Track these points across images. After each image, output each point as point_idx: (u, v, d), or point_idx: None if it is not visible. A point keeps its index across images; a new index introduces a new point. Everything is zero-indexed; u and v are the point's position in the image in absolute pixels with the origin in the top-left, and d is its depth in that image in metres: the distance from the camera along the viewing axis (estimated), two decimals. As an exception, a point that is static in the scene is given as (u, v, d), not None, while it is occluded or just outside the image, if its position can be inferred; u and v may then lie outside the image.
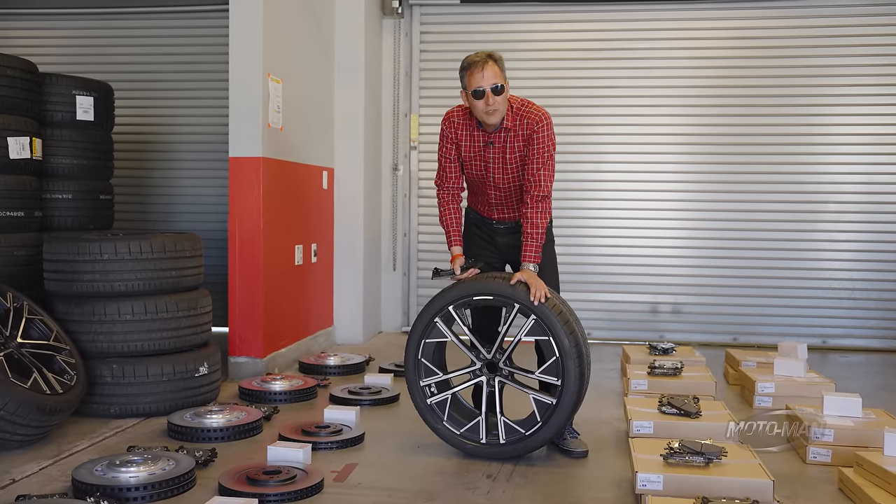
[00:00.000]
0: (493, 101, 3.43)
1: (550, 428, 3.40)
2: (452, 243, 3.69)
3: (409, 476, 3.32)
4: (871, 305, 6.40)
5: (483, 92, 3.42)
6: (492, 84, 3.41)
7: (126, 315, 4.01)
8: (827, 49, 6.39)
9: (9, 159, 4.38)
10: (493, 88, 3.41)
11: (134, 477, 3.01)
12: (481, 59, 3.44)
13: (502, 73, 3.46)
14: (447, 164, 3.68)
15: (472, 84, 3.44)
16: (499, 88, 3.43)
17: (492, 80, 3.42)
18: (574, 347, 3.35)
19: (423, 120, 6.84)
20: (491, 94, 3.42)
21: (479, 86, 3.42)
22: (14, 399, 3.33)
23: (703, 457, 2.97)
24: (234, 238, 4.95)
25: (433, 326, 3.55)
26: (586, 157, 6.62)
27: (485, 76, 3.41)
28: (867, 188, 6.42)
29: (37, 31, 7.09)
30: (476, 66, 3.43)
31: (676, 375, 4.55)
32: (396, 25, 6.75)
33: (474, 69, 3.43)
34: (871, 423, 3.55)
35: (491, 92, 3.41)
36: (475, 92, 3.44)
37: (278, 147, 5.18)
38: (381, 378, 4.79)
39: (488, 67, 3.42)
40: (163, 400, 4.06)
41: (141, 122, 6.89)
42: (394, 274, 6.87)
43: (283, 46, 5.22)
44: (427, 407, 3.58)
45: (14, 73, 4.45)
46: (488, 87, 3.41)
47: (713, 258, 6.57)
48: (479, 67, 3.42)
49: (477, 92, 3.43)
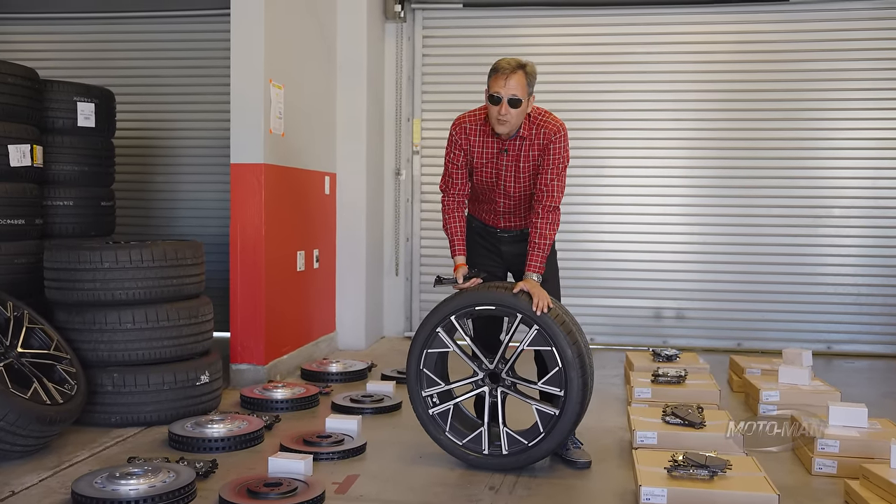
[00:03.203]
0: (506, 111, 3.37)
1: (553, 439, 3.37)
2: (456, 252, 3.65)
3: (410, 488, 3.30)
4: (876, 311, 6.37)
5: (500, 99, 3.36)
6: (510, 95, 3.35)
7: (127, 324, 4.00)
8: (832, 55, 6.35)
9: (9, 167, 4.36)
10: (510, 99, 3.35)
11: (134, 490, 2.99)
12: (510, 68, 3.35)
13: (527, 87, 3.37)
14: (454, 170, 3.64)
15: (492, 87, 3.38)
16: (516, 101, 3.36)
17: (513, 90, 3.34)
18: (577, 357, 3.33)
19: (425, 124, 6.81)
20: (506, 104, 3.36)
21: (497, 92, 3.37)
22: (14, 410, 3.31)
23: (707, 470, 2.95)
24: (236, 245, 4.93)
25: (435, 336, 3.52)
26: (589, 163, 6.58)
27: (507, 85, 3.34)
28: (871, 193, 6.38)
29: (37, 35, 7.07)
30: (502, 72, 3.36)
31: (680, 383, 4.53)
32: (399, 30, 6.72)
33: (499, 74, 3.36)
34: (878, 434, 3.52)
35: (507, 102, 3.36)
36: (492, 97, 3.38)
37: (280, 153, 5.16)
38: (384, 385, 4.77)
39: (513, 77, 3.34)
40: (164, 409, 4.04)
41: (142, 128, 6.87)
42: (396, 279, 6.85)
43: (284, 52, 5.20)
44: (429, 417, 3.55)
45: (15, 80, 4.43)
46: (506, 96, 3.35)
47: (717, 263, 6.53)
48: (504, 75, 3.35)
49: (493, 97, 3.38)
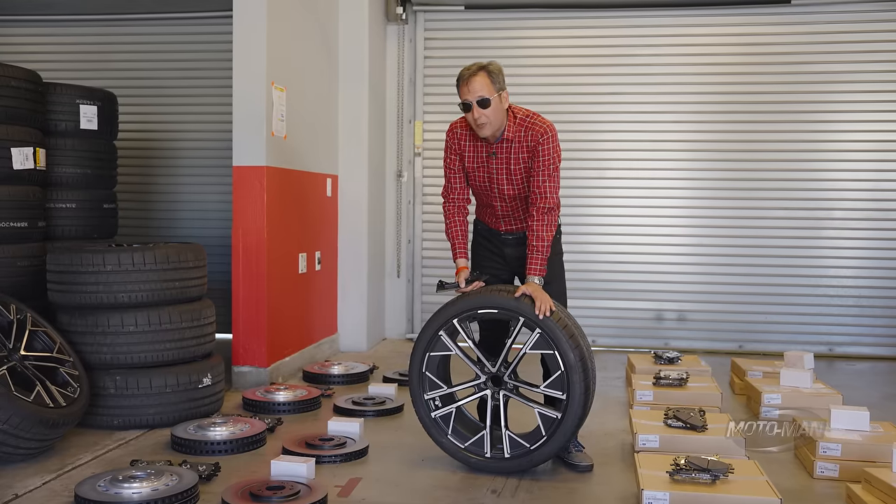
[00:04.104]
0: (479, 114, 3.40)
1: (556, 442, 3.37)
2: (458, 255, 3.66)
3: (413, 491, 3.30)
4: (878, 313, 6.37)
5: (469, 105, 3.41)
6: (477, 97, 3.38)
7: (129, 326, 4.01)
8: (832, 55, 6.36)
9: (12, 170, 4.38)
10: (478, 101, 3.39)
11: (137, 493, 3.00)
12: (469, 73, 3.41)
13: (493, 85, 3.40)
14: (452, 175, 3.68)
15: (461, 96, 3.44)
16: (485, 101, 3.39)
17: (478, 93, 3.38)
18: (579, 361, 3.33)
19: (427, 126, 6.82)
20: (476, 107, 3.39)
21: (465, 99, 3.42)
22: (17, 413, 3.32)
23: (709, 474, 2.96)
24: (238, 248, 4.93)
25: (437, 339, 3.53)
26: (590, 164, 6.60)
27: (471, 89, 3.39)
28: (873, 195, 6.39)
29: (40, 38, 7.08)
30: (463, 79, 3.42)
31: (682, 386, 4.53)
32: (400, 32, 6.73)
33: (463, 82, 3.42)
34: (880, 438, 3.53)
35: (476, 105, 3.39)
36: (462, 104, 3.44)
37: (282, 155, 5.17)
38: (385, 388, 4.77)
39: (475, 80, 3.39)
40: (166, 411, 4.05)
41: (144, 130, 6.89)
42: (398, 281, 6.86)
43: (286, 54, 5.20)
44: (431, 421, 3.55)
45: (18, 83, 4.45)
46: (473, 100, 3.39)
47: (718, 265, 6.54)
48: (466, 81, 3.41)
49: (464, 105, 3.44)
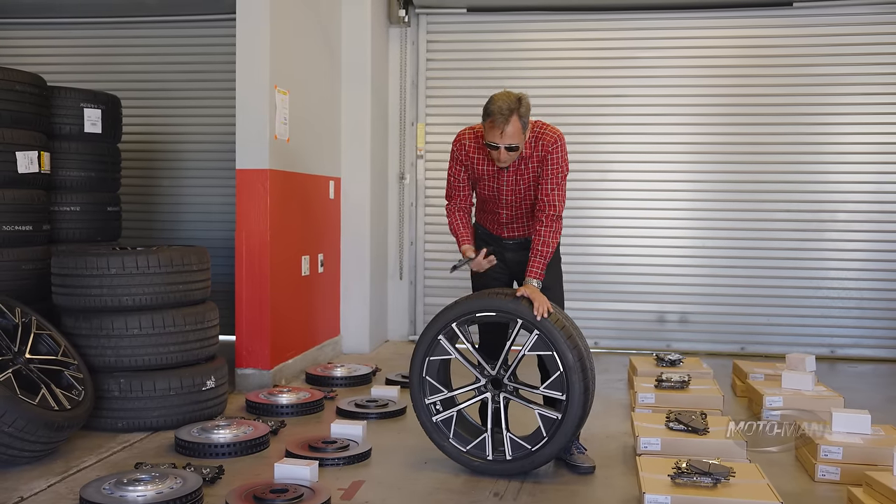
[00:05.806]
0: (506, 158, 3.40)
1: (556, 443, 3.39)
2: (462, 242, 3.67)
3: (415, 494, 3.32)
4: (880, 315, 6.37)
5: (497, 147, 3.38)
6: (507, 144, 3.35)
7: (134, 329, 4.03)
8: (834, 57, 6.36)
9: (17, 174, 4.40)
10: (507, 147, 3.37)
11: (142, 496, 3.01)
12: (503, 117, 3.27)
13: (522, 130, 3.34)
14: (455, 183, 3.70)
15: (488, 137, 3.36)
16: (514, 148, 3.37)
17: (509, 139, 3.33)
18: (578, 362, 3.35)
19: (429, 129, 6.84)
20: (504, 152, 3.38)
21: (493, 142, 3.37)
22: (22, 416, 3.34)
23: (711, 477, 2.97)
24: (241, 251, 4.95)
25: (437, 344, 3.55)
26: (593, 167, 6.61)
27: (503, 135, 3.31)
28: (875, 197, 6.39)
29: (44, 41, 7.09)
30: (494, 120, 3.29)
31: (684, 388, 4.55)
32: (403, 34, 6.75)
33: (494, 125, 3.30)
34: (881, 441, 3.54)
35: (505, 149, 3.37)
36: (488, 144, 3.39)
37: (285, 158, 5.18)
38: (388, 390, 4.79)
39: (508, 126, 3.29)
40: (170, 414, 4.07)
41: (148, 132, 6.90)
42: (400, 283, 6.87)
43: (289, 58, 5.22)
44: (433, 425, 3.57)
45: (23, 87, 4.46)
46: (503, 146, 3.36)
47: (720, 267, 6.55)
48: (497, 125, 3.29)
49: (490, 145, 3.39)
